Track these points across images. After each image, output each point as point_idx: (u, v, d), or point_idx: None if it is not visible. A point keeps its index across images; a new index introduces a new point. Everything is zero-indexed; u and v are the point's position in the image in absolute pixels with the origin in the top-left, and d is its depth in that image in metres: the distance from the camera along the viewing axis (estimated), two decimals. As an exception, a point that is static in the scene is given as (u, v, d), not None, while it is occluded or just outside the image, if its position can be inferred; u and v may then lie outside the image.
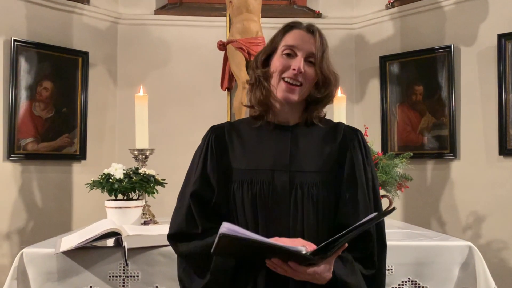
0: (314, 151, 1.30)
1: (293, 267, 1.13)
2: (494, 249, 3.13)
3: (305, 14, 3.95)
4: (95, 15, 3.65)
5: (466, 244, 1.76)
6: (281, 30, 1.34)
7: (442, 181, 3.39)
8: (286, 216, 1.25)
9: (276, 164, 1.27)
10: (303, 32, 1.31)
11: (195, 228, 1.29)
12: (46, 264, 1.62)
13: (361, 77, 3.88)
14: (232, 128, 1.36)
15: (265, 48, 1.35)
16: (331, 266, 1.18)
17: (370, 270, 1.27)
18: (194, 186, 1.31)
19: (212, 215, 1.29)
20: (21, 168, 3.24)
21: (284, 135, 1.31)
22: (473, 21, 3.26)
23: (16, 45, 3.19)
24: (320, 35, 1.31)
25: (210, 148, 1.33)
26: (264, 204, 1.25)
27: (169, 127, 3.69)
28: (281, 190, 1.25)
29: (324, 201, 1.26)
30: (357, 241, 1.24)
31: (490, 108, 3.16)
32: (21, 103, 3.22)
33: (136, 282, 1.66)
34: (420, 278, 1.72)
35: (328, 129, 1.34)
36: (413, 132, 3.52)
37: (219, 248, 1.10)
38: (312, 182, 1.26)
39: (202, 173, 1.31)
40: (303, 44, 1.28)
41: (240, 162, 1.30)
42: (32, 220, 3.28)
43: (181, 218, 1.31)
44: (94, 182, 2.03)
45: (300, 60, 1.27)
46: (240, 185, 1.27)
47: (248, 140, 1.33)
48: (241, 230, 1.07)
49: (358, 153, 1.31)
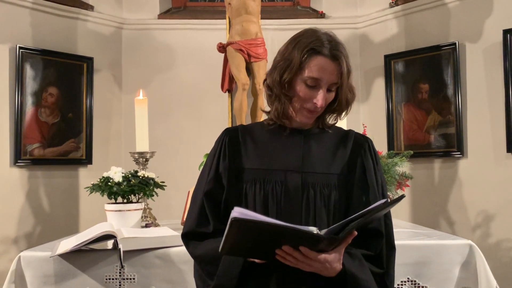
0: (326, 154, 1.33)
1: (304, 252, 1.12)
2: (504, 248, 3.08)
3: (308, 15, 3.94)
4: (99, 21, 3.69)
5: (466, 242, 1.73)
6: (305, 51, 1.26)
7: (449, 180, 3.34)
8: (298, 215, 1.26)
9: (288, 165, 1.29)
10: (328, 60, 1.25)
11: (207, 228, 1.31)
12: (43, 267, 1.64)
13: (366, 76, 3.85)
14: (245, 130, 1.39)
15: (288, 66, 1.28)
16: (341, 257, 1.17)
17: (379, 269, 1.28)
18: (208, 186, 1.33)
19: (224, 216, 1.30)
20: (28, 174, 3.28)
21: (297, 137, 1.33)
22: (478, 17, 3.21)
23: (22, 52, 3.24)
24: (346, 61, 1.27)
25: (223, 149, 1.35)
26: (276, 203, 1.27)
27: (174, 131, 3.71)
28: (293, 190, 1.27)
29: (335, 201, 1.28)
30: (367, 239, 1.26)
31: (497, 105, 3.11)
32: (27, 109, 3.27)
33: (132, 285, 1.66)
34: (419, 278, 1.70)
35: (339, 136, 1.37)
36: (419, 131, 3.47)
37: (229, 238, 1.08)
38: (324, 183, 1.28)
39: (215, 173, 1.33)
40: (327, 76, 1.25)
41: (253, 162, 1.32)
42: (39, 225, 3.31)
43: (193, 217, 1.34)
44: (94, 186, 2.04)
45: (323, 94, 1.26)
46: (253, 184, 1.30)
47: (261, 141, 1.35)
48: (253, 213, 1.07)
49: (369, 158, 1.34)
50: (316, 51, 1.25)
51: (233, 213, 1.04)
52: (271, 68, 1.34)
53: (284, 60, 1.29)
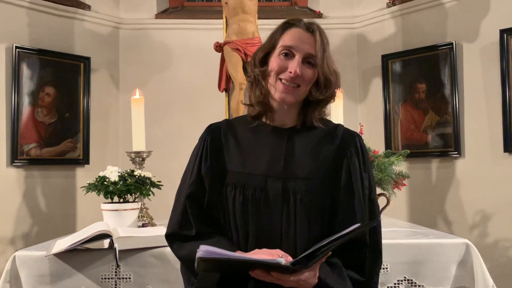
0: (310, 157, 1.27)
1: (276, 276, 1.12)
2: (502, 248, 3.08)
3: (306, 15, 3.93)
4: (96, 20, 3.68)
5: (463, 241, 1.72)
6: (280, 27, 1.29)
7: (447, 180, 3.34)
8: (278, 223, 1.23)
9: (270, 169, 1.25)
10: (302, 31, 1.26)
11: (189, 231, 1.29)
12: (38, 266, 1.63)
13: (364, 76, 3.85)
14: (228, 128, 1.34)
15: (264, 46, 1.31)
16: (316, 272, 1.16)
17: (361, 278, 1.25)
18: (191, 188, 1.30)
19: (207, 217, 1.29)
20: (25, 174, 3.27)
21: (280, 138, 1.28)
22: (474, 17, 3.22)
23: (18, 51, 3.23)
24: (321, 33, 1.26)
25: (205, 150, 1.32)
26: (256, 210, 1.23)
27: (172, 130, 3.70)
28: (273, 196, 1.23)
29: (317, 209, 1.23)
30: (350, 249, 1.22)
31: (494, 104, 3.11)
32: (23, 109, 3.26)
33: (128, 284, 1.66)
34: (416, 277, 1.69)
35: (326, 131, 1.30)
36: (416, 131, 3.48)
37: (200, 269, 1.12)
38: (305, 190, 1.23)
39: (198, 175, 1.30)
40: (302, 45, 1.24)
41: (234, 164, 1.29)
42: (36, 225, 3.30)
43: (176, 219, 1.32)
44: (90, 185, 2.04)
45: (297, 62, 1.23)
46: (233, 188, 1.26)
47: (243, 141, 1.31)
48: (218, 250, 1.08)
49: (355, 160, 1.27)
50: (290, 24, 1.28)
51: (198, 252, 1.06)
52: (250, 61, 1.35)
53: (259, 47, 1.32)
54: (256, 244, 1.22)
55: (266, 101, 1.29)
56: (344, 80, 4.09)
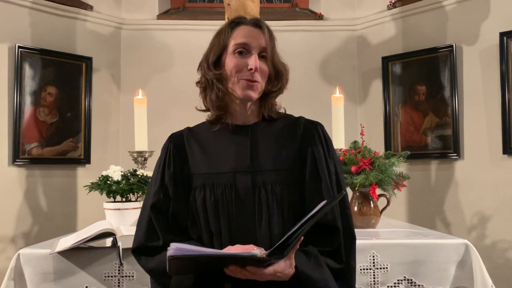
0: (275, 149, 1.28)
1: (251, 271, 1.11)
2: (500, 249, 3.10)
3: (307, 16, 3.96)
4: (98, 20, 3.70)
5: (462, 242, 1.74)
6: (227, 27, 1.29)
7: (446, 181, 3.36)
8: (251, 218, 1.23)
9: (237, 166, 1.25)
10: (251, 27, 1.27)
11: (156, 241, 1.27)
12: (42, 264, 1.64)
13: (364, 78, 3.87)
14: (190, 134, 1.34)
15: (213, 48, 1.29)
16: (291, 261, 1.15)
17: (338, 264, 1.24)
18: (155, 198, 1.29)
19: (173, 226, 1.28)
20: (26, 173, 3.28)
21: (244, 135, 1.29)
22: (474, 19, 3.24)
23: (21, 51, 3.24)
24: (268, 28, 1.29)
25: (168, 158, 1.31)
26: (227, 208, 1.23)
27: (172, 130, 3.69)
28: (243, 192, 1.23)
29: (288, 199, 1.24)
30: (323, 235, 1.23)
31: (494, 107, 3.13)
32: (25, 109, 3.27)
33: (131, 282, 1.67)
34: (416, 277, 1.71)
35: (288, 124, 1.32)
36: (416, 133, 3.50)
37: (172, 269, 1.09)
38: (275, 181, 1.24)
39: (161, 184, 1.29)
40: (254, 41, 1.25)
41: (200, 167, 1.28)
42: (37, 224, 3.31)
43: (142, 231, 1.30)
44: (93, 184, 2.05)
45: (255, 58, 1.24)
46: (202, 190, 1.25)
47: (207, 145, 1.31)
48: (189, 247, 1.06)
49: (319, 147, 1.28)
50: (237, 23, 1.28)
51: (168, 250, 1.04)
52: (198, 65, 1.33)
53: (208, 49, 1.31)
54: (231, 243, 1.21)
55: (224, 104, 1.29)
56: (345, 82, 4.14)
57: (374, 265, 1.71)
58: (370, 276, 1.70)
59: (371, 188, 2.04)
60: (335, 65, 3.85)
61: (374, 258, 1.71)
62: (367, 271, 1.70)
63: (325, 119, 1.61)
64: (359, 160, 2.04)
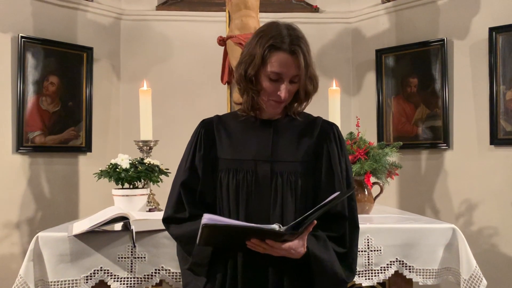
0: (294, 143, 1.45)
1: (270, 244, 1.28)
2: (486, 235, 3.24)
3: (303, 9, 4.04)
4: (98, 11, 3.75)
5: (449, 226, 1.88)
6: (265, 47, 1.37)
7: (435, 170, 3.50)
8: (267, 202, 1.40)
9: (259, 155, 1.43)
10: (287, 55, 1.36)
11: (183, 214, 1.45)
12: (59, 246, 1.75)
13: (358, 70, 3.98)
14: (220, 122, 1.51)
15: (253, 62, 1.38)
16: (304, 242, 1.33)
17: (342, 248, 1.42)
18: (184, 176, 1.47)
19: (199, 202, 1.45)
20: (30, 160, 3.36)
21: (267, 129, 1.46)
22: (465, 14, 3.35)
23: (23, 41, 3.30)
24: (303, 54, 1.37)
25: (199, 141, 1.48)
26: (247, 191, 1.41)
27: (172, 120, 3.79)
28: (262, 178, 1.41)
29: (302, 188, 1.41)
30: (331, 222, 1.41)
31: (482, 99, 3.25)
32: (28, 98, 3.34)
33: (143, 263, 1.79)
34: (407, 258, 1.85)
35: (307, 123, 1.49)
36: (408, 123, 3.62)
37: (203, 238, 1.25)
38: (291, 171, 1.41)
39: (191, 164, 1.47)
40: (288, 70, 1.37)
41: (226, 152, 1.46)
42: (41, 210, 3.41)
43: (171, 204, 1.48)
44: (102, 172, 2.15)
45: (285, 88, 1.38)
46: (226, 174, 1.43)
47: (234, 132, 1.48)
48: (221, 218, 1.23)
49: (334, 145, 1.45)
50: (275, 47, 1.37)
51: (203, 219, 1.21)
52: (238, 62, 1.44)
53: (249, 55, 1.40)
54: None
55: (254, 108, 1.46)
56: (339, 74, 4.22)
57: (368, 247, 1.84)
58: (365, 258, 1.83)
59: (365, 177, 2.17)
60: (330, 57, 3.94)
61: (368, 241, 1.84)
62: (362, 253, 1.83)
63: (320, 110, 1.65)
64: (355, 150, 2.17)
